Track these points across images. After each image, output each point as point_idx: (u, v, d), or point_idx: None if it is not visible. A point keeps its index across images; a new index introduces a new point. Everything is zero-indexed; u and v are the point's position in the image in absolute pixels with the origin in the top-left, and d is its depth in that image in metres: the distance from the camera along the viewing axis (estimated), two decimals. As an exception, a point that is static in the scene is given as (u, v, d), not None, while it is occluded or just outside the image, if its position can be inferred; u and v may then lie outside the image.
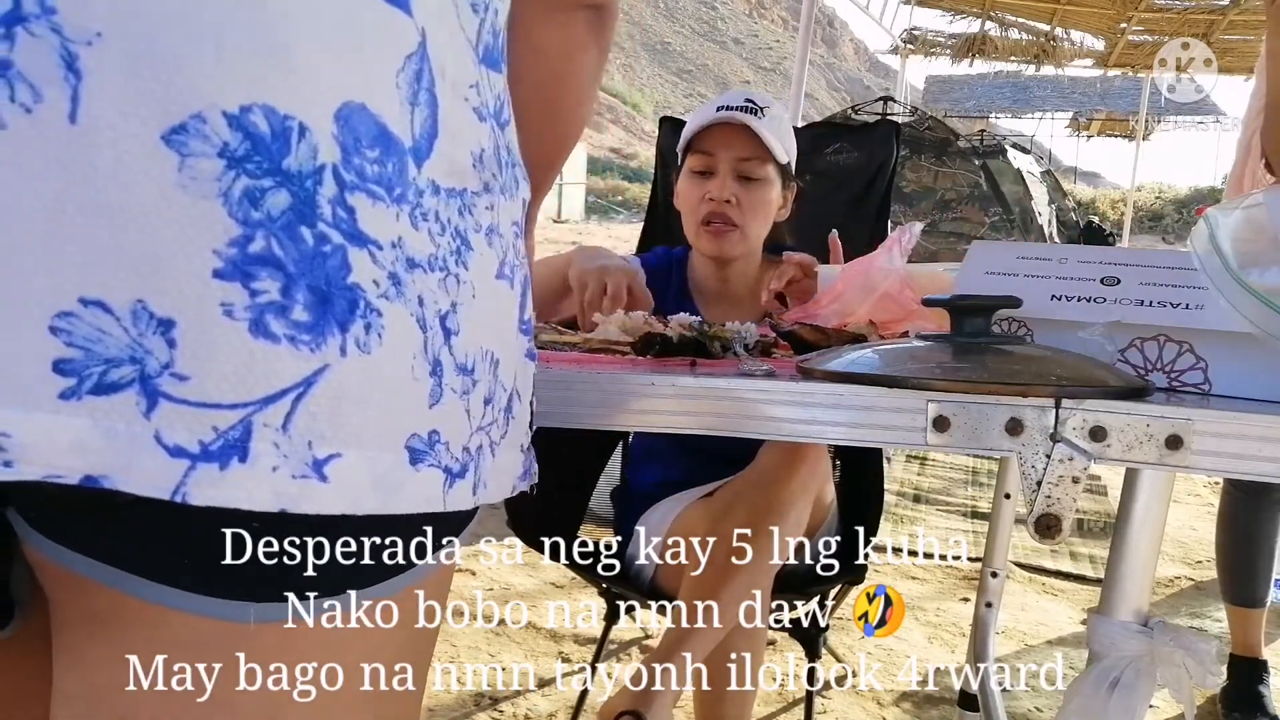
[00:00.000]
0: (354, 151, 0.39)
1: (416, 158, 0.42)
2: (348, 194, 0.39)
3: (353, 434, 0.39)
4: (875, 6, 8.80)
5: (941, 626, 2.24)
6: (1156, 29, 7.65)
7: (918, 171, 6.95)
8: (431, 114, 0.43)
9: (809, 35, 4.93)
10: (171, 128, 0.35)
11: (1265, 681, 1.80)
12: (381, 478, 0.41)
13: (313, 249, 0.38)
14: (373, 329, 0.40)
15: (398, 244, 0.41)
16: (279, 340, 0.37)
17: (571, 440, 1.57)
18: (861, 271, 0.97)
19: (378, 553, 0.44)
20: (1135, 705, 0.61)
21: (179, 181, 0.35)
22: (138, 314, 0.35)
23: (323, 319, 0.38)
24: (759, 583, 1.19)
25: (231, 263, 0.36)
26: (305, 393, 0.38)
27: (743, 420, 0.63)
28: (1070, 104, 23.50)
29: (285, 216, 0.37)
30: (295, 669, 0.43)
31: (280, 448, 0.37)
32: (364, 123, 0.39)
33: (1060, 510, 0.57)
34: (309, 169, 0.38)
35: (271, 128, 0.37)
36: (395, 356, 0.41)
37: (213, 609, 0.40)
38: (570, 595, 2.30)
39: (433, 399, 0.43)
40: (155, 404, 0.35)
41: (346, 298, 0.39)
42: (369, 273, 0.39)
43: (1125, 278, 0.72)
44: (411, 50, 0.41)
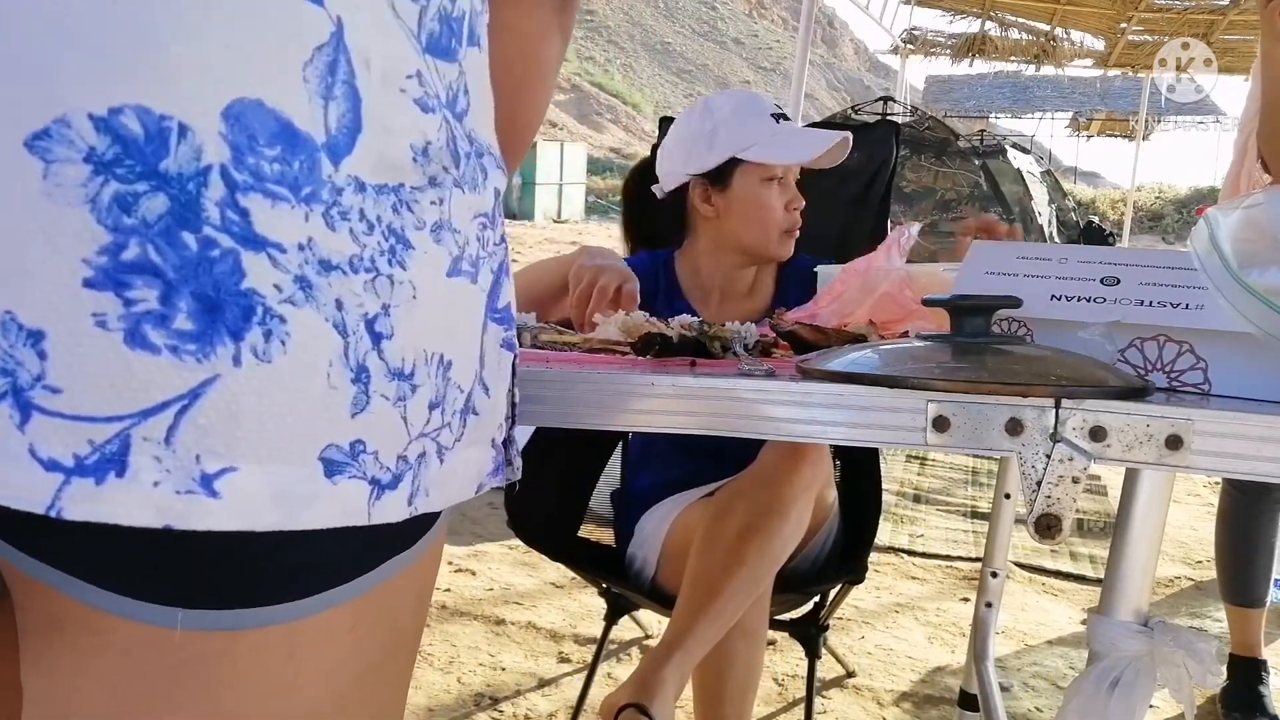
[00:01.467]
0: (248, 151, 0.37)
1: (332, 154, 0.40)
2: (240, 195, 0.37)
3: (250, 447, 0.38)
4: (875, 6, 8.80)
5: (941, 626, 2.24)
6: (1156, 29, 7.65)
7: (918, 171, 6.95)
8: (352, 108, 0.41)
9: (809, 35, 4.93)
10: (34, 133, 0.34)
11: (1265, 681, 1.80)
12: (286, 492, 0.39)
13: (197, 254, 0.36)
14: (274, 336, 0.38)
15: (307, 246, 0.39)
16: (159, 351, 0.36)
17: (571, 440, 1.57)
18: (861, 271, 0.97)
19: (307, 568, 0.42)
20: (1135, 705, 0.61)
21: (44, 189, 0.34)
22: (6, 325, 0.34)
23: (210, 328, 0.37)
24: (760, 582, 1.19)
25: (103, 271, 0.35)
26: (191, 405, 0.36)
27: (743, 420, 0.63)
28: (1070, 104, 23.51)
29: (163, 222, 0.36)
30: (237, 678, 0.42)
31: (163, 461, 0.36)
32: (260, 120, 0.38)
33: (1060, 510, 0.57)
34: (191, 171, 0.36)
35: (146, 129, 0.35)
36: (305, 364, 0.39)
37: (146, 614, 0.40)
38: (570, 595, 2.30)
39: (356, 407, 0.41)
40: (29, 416, 0.35)
41: (240, 304, 0.37)
42: (268, 277, 0.38)
43: (1125, 278, 0.72)
44: (322, 41, 0.39)
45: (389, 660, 0.50)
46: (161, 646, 0.40)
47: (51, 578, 0.40)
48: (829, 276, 1.05)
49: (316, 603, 0.43)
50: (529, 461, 1.48)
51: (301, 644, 0.43)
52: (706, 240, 1.52)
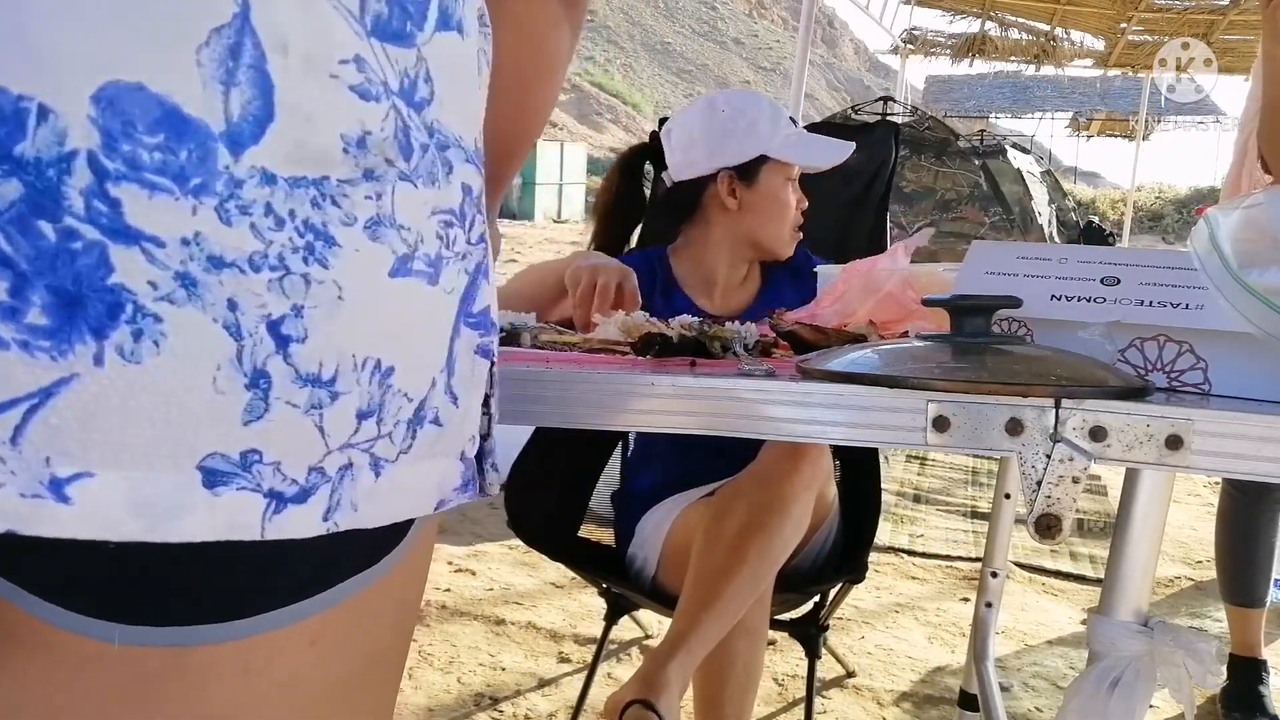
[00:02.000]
0: (122, 137, 0.35)
1: (233, 144, 0.37)
2: (110, 184, 0.35)
3: (110, 452, 0.35)
4: (875, 6, 8.80)
5: (941, 626, 2.24)
6: (1156, 29, 7.65)
7: (918, 171, 6.95)
8: (261, 94, 0.38)
9: (809, 35, 4.93)
10: None
11: (1265, 681, 1.80)
12: (150, 502, 0.36)
13: (54, 245, 0.34)
14: (145, 336, 0.35)
15: (192, 240, 0.36)
16: (7, 346, 0.33)
17: (571, 440, 1.58)
18: (863, 272, 0.97)
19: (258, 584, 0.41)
20: (1135, 705, 0.61)
21: None
22: None
23: (68, 324, 0.34)
24: (761, 581, 1.19)
25: None
26: (42, 404, 0.34)
27: (743, 420, 0.63)
28: (1070, 104, 23.51)
29: (15, 209, 0.33)
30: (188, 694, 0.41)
31: (7, 463, 0.34)
32: (140, 105, 0.35)
33: (1060, 510, 0.57)
34: (51, 156, 0.34)
35: (0, 109, 0.33)
36: (183, 367, 0.36)
37: (89, 629, 0.39)
38: (570, 595, 2.30)
39: (251, 414, 0.38)
40: None
41: (105, 301, 0.35)
42: (141, 273, 0.35)
43: (1125, 278, 0.72)
44: (221, 23, 0.37)
45: (366, 673, 0.48)
46: (107, 663, 0.39)
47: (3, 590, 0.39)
48: (829, 276, 1.05)
49: (271, 619, 0.41)
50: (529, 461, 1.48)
51: (255, 660, 0.42)
52: (720, 232, 1.55)
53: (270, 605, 0.42)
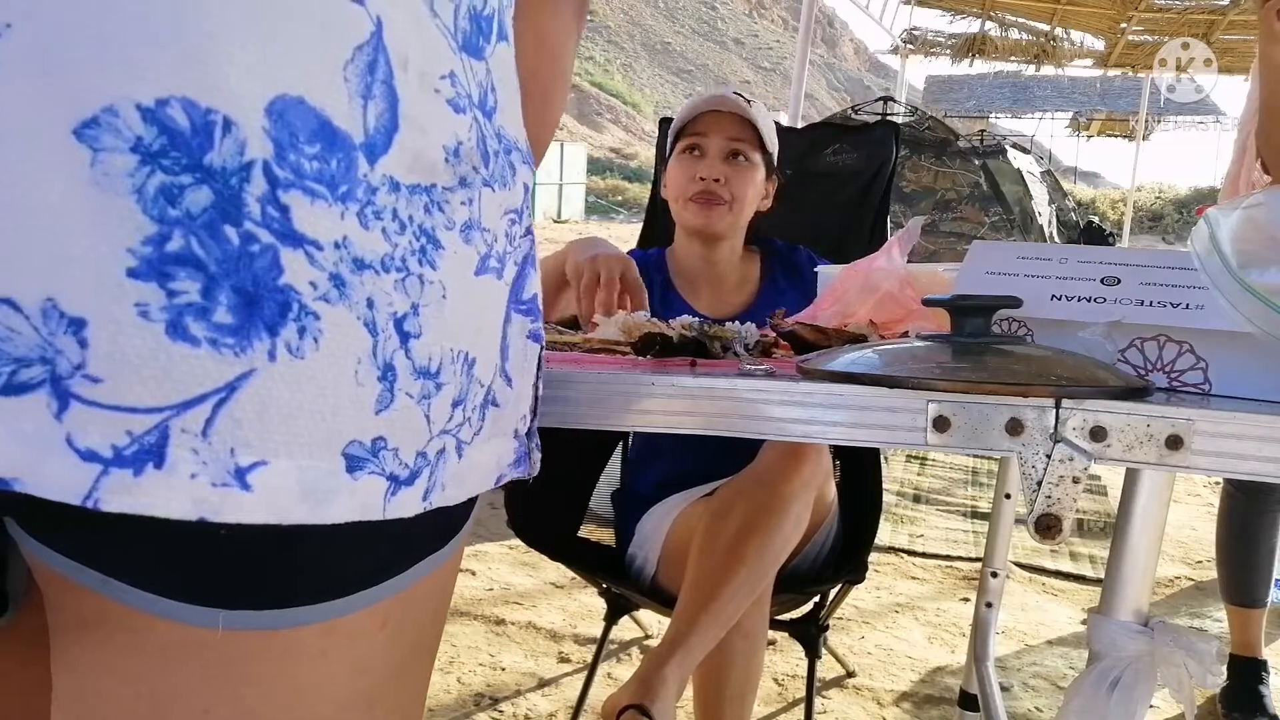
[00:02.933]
0: (289, 147, 0.37)
1: (369, 154, 0.40)
2: (281, 192, 0.37)
3: (281, 441, 0.38)
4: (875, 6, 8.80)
5: (941, 626, 2.24)
6: (1156, 29, 7.65)
7: (918, 171, 6.95)
8: (390, 108, 0.41)
9: (809, 35, 4.93)
10: (82, 121, 0.34)
11: (1265, 681, 1.80)
12: (312, 487, 0.39)
13: (238, 249, 0.36)
14: (308, 332, 0.38)
15: (342, 244, 0.39)
16: (199, 343, 0.35)
17: (571, 440, 1.57)
18: (862, 272, 0.97)
19: (345, 568, 0.43)
20: (1135, 705, 0.61)
21: (91, 178, 0.34)
22: (48, 313, 0.34)
23: (249, 322, 0.36)
24: (760, 581, 1.19)
25: (147, 262, 0.34)
26: (228, 398, 0.36)
27: (743, 420, 0.63)
28: (1070, 104, 23.51)
29: (207, 214, 0.35)
30: (270, 677, 0.42)
31: (199, 454, 0.36)
32: (302, 117, 0.37)
33: (1060, 510, 0.57)
34: (234, 165, 0.36)
35: (192, 122, 0.35)
36: (335, 361, 0.39)
37: (187, 615, 0.40)
38: (570, 595, 2.30)
39: (380, 404, 0.41)
40: (67, 405, 0.34)
41: (277, 300, 0.37)
42: (305, 274, 0.38)
43: (1125, 278, 0.72)
44: (363, 40, 0.39)
45: (414, 658, 0.50)
46: (199, 646, 0.41)
47: (88, 579, 0.40)
48: (829, 277, 1.05)
49: (351, 602, 0.43)
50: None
51: (334, 643, 0.44)
52: (676, 227, 1.57)
53: (357, 587, 0.44)
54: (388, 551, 0.45)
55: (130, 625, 0.40)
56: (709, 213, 1.48)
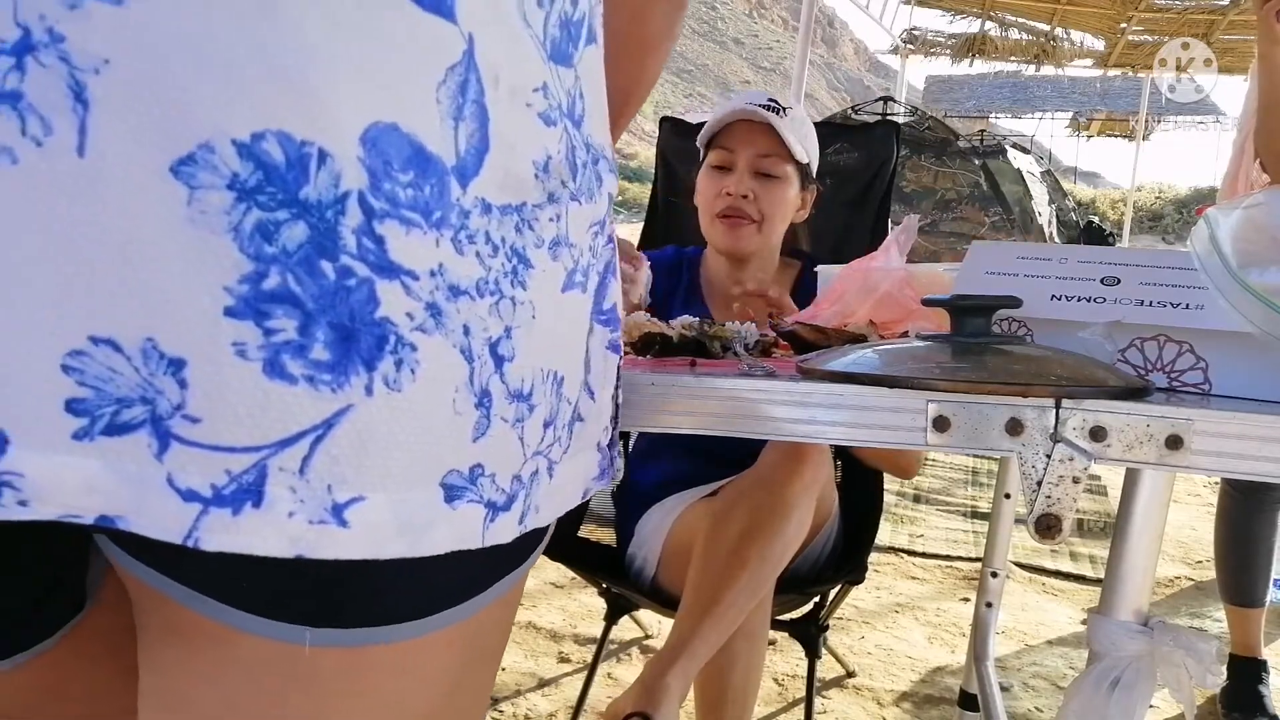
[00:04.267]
0: (384, 176, 0.36)
1: (461, 177, 0.39)
2: (376, 223, 0.36)
3: (378, 476, 0.37)
4: (875, 6, 8.80)
5: (941, 626, 2.24)
6: (1156, 29, 7.65)
7: (918, 171, 6.95)
8: (480, 127, 0.40)
9: (809, 35, 4.93)
10: (179, 158, 0.33)
11: (1265, 681, 1.80)
12: (409, 521, 0.39)
13: (334, 284, 0.36)
14: (405, 365, 0.37)
15: (438, 272, 0.38)
16: (296, 381, 0.35)
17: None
18: (861, 271, 0.97)
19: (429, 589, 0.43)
20: (1135, 705, 0.61)
21: (188, 215, 0.33)
22: (148, 353, 0.34)
23: (346, 357, 0.36)
24: (762, 585, 1.19)
25: (244, 300, 0.34)
26: (325, 435, 0.36)
27: (743, 420, 0.63)
28: (1070, 104, 23.50)
29: (303, 250, 0.35)
30: (350, 693, 0.43)
31: (297, 492, 0.36)
32: (395, 144, 0.37)
33: (1060, 510, 0.57)
34: (330, 198, 0.35)
35: (287, 155, 0.34)
36: (432, 392, 0.38)
37: (271, 630, 0.40)
38: (570, 595, 2.30)
39: (478, 431, 0.41)
40: (167, 446, 0.34)
41: (374, 333, 0.37)
42: (401, 305, 0.37)
43: (1125, 278, 0.72)
44: (455, 61, 0.38)
45: (482, 667, 0.51)
46: (283, 661, 0.41)
47: (177, 593, 0.40)
48: (829, 276, 1.05)
49: (431, 622, 0.43)
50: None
51: (410, 661, 0.44)
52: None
53: (441, 606, 0.44)
54: (473, 572, 0.45)
55: (217, 637, 0.41)
56: (736, 234, 1.46)
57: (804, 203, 1.54)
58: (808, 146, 1.49)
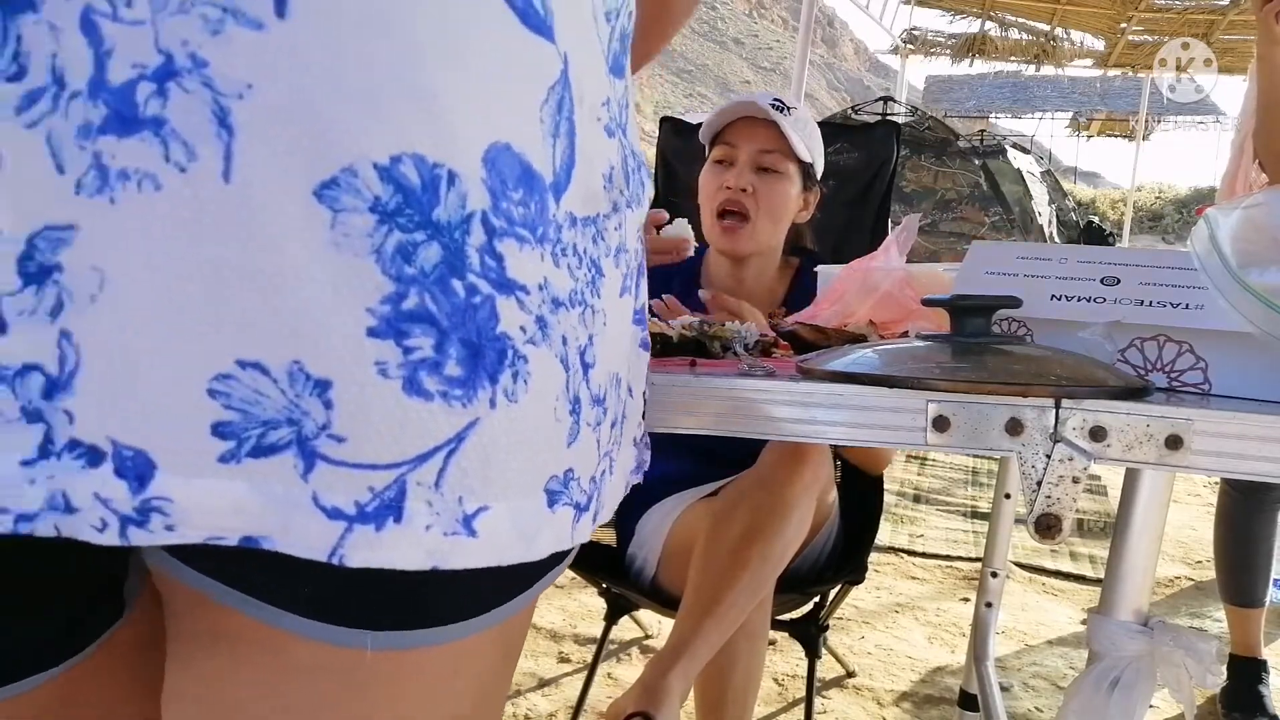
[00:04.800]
0: (502, 195, 0.37)
1: (556, 193, 0.40)
2: (496, 241, 0.37)
3: (500, 486, 0.39)
4: (875, 6, 8.81)
5: (941, 626, 2.24)
6: (1156, 29, 7.66)
7: (918, 171, 6.95)
8: (570, 143, 0.41)
9: (809, 35, 4.93)
10: (322, 182, 0.34)
11: (1265, 681, 1.80)
12: (524, 527, 0.40)
13: (464, 301, 0.36)
14: (519, 376, 0.39)
15: (544, 286, 0.39)
16: (432, 397, 0.36)
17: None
18: (861, 271, 0.97)
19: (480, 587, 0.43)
20: (1135, 705, 0.61)
21: (331, 239, 0.34)
22: (294, 375, 0.34)
23: (474, 373, 0.37)
24: (763, 585, 1.19)
25: (385, 320, 0.35)
26: (457, 448, 0.37)
27: (743, 420, 0.63)
28: (1070, 104, 23.50)
29: (438, 270, 0.36)
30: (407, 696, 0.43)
31: (433, 506, 0.37)
32: (509, 163, 0.38)
33: (1060, 510, 0.57)
34: (458, 219, 0.36)
35: (421, 178, 0.35)
36: (540, 401, 0.40)
37: (331, 635, 0.40)
38: (570, 595, 2.30)
39: (571, 437, 0.42)
40: (313, 466, 0.35)
41: (496, 348, 0.38)
42: (517, 319, 0.38)
43: (1125, 278, 0.72)
44: (554, 80, 0.39)
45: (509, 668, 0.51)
46: (341, 666, 0.41)
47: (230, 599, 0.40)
48: (829, 277, 1.05)
49: (478, 622, 0.44)
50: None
51: (459, 662, 0.44)
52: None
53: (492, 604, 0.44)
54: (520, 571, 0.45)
55: (270, 643, 0.41)
56: (733, 237, 1.46)
57: (806, 203, 1.53)
58: (811, 146, 1.49)
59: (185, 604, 0.43)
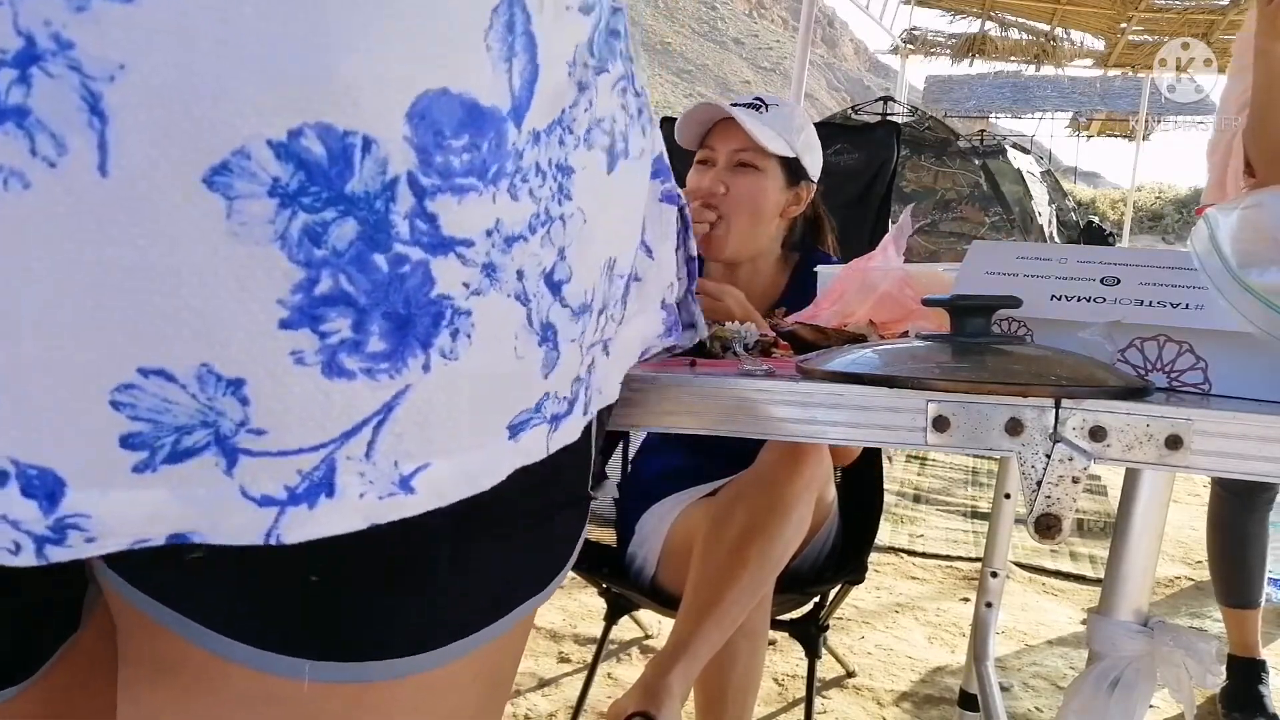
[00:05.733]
0: (435, 149, 0.33)
1: (518, 117, 0.36)
2: (428, 202, 0.34)
3: (442, 443, 0.37)
4: (875, 6, 8.81)
5: (941, 626, 2.24)
6: (1156, 29, 7.66)
7: (918, 171, 6.95)
8: (530, 57, 0.36)
9: (809, 35, 4.93)
10: (212, 168, 0.30)
11: (1265, 681, 1.80)
12: (476, 470, 0.38)
13: (387, 275, 0.34)
14: (460, 333, 0.36)
15: (494, 229, 0.36)
16: (354, 376, 0.34)
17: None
18: (860, 271, 0.97)
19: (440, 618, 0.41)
20: (1135, 705, 0.61)
21: (228, 229, 0.31)
22: (204, 379, 0.32)
23: (402, 343, 0.35)
24: (762, 585, 1.19)
25: (298, 310, 0.32)
26: (386, 418, 0.35)
27: (743, 420, 0.63)
28: (1070, 104, 23.50)
29: (354, 248, 0.33)
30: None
31: (365, 475, 0.35)
32: (446, 111, 0.33)
33: (1060, 510, 0.57)
34: (377, 187, 0.33)
35: (329, 149, 0.31)
36: (490, 347, 0.37)
37: (270, 664, 0.38)
38: (570, 595, 2.30)
39: (548, 367, 0.39)
40: (235, 461, 0.33)
41: (430, 313, 0.35)
42: (457, 277, 0.35)
43: (1125, 278, 0.72)
44: (497, 2, 0.35)
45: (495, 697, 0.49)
46: (283, 699, 0.39)
47: (168, 619, 0.38)
48: (829, 277, 1.05)
49: (449, 652, 0.41)
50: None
51: (427, 698, 0.42)
52: None
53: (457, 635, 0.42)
54: (491, 597, 0.43)
55: (209, 672, 0.39)
56: (706, 242, 1.46)
57: (797, 198, 1.52)
58: (793, 140, 1.47)
59: (132, 625, 0.42)
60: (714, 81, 50.98)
